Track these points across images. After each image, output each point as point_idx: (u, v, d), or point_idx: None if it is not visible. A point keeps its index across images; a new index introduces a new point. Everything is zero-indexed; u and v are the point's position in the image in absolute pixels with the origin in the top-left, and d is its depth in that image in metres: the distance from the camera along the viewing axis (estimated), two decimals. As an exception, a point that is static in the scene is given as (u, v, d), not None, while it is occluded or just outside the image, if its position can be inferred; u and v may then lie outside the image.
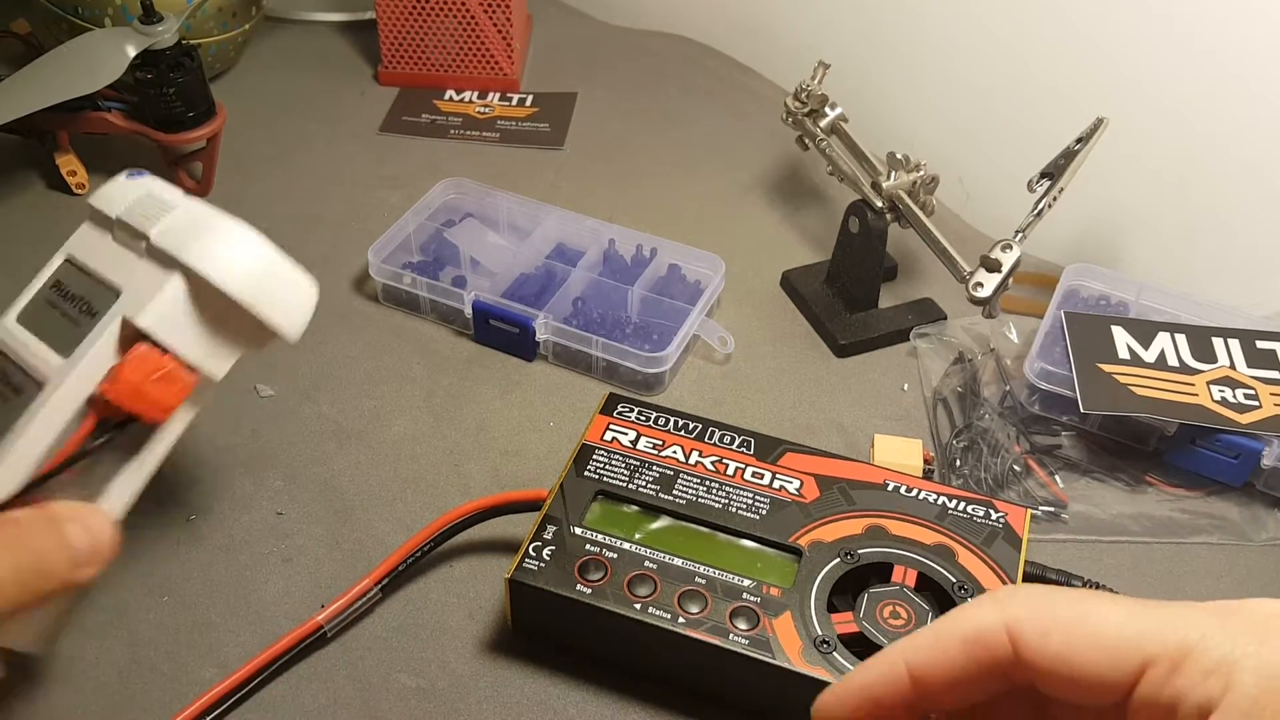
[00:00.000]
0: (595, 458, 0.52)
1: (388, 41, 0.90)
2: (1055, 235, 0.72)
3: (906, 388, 0.65)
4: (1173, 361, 0.60)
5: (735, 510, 0.50)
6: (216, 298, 0.39)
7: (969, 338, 0.66)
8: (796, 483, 0.51)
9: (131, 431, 0.40)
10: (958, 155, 0.79)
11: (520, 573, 0.47)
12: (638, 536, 0.49)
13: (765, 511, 0.50)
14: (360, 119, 0.88)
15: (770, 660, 0.44)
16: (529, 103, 0.90)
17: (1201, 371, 0.59)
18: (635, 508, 0.50)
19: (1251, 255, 0.70)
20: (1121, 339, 0.61)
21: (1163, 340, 0.61)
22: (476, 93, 0.91)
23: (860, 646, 0.44)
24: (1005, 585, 0.26)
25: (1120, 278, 0.67)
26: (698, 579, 0.47)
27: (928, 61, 0.82)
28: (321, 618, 0.49)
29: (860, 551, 0.48)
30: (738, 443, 0.53)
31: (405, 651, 0.50)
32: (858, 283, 0.68)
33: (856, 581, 0.47)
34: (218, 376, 0.41)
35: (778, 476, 0.51)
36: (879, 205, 0.65)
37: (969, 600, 0.27)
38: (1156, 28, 0.68)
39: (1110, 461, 0.59)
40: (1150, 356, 0.60)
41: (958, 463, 0.59)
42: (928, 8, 0.80)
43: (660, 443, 0.53)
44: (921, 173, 0.65)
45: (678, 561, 0.47)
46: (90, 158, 0.78)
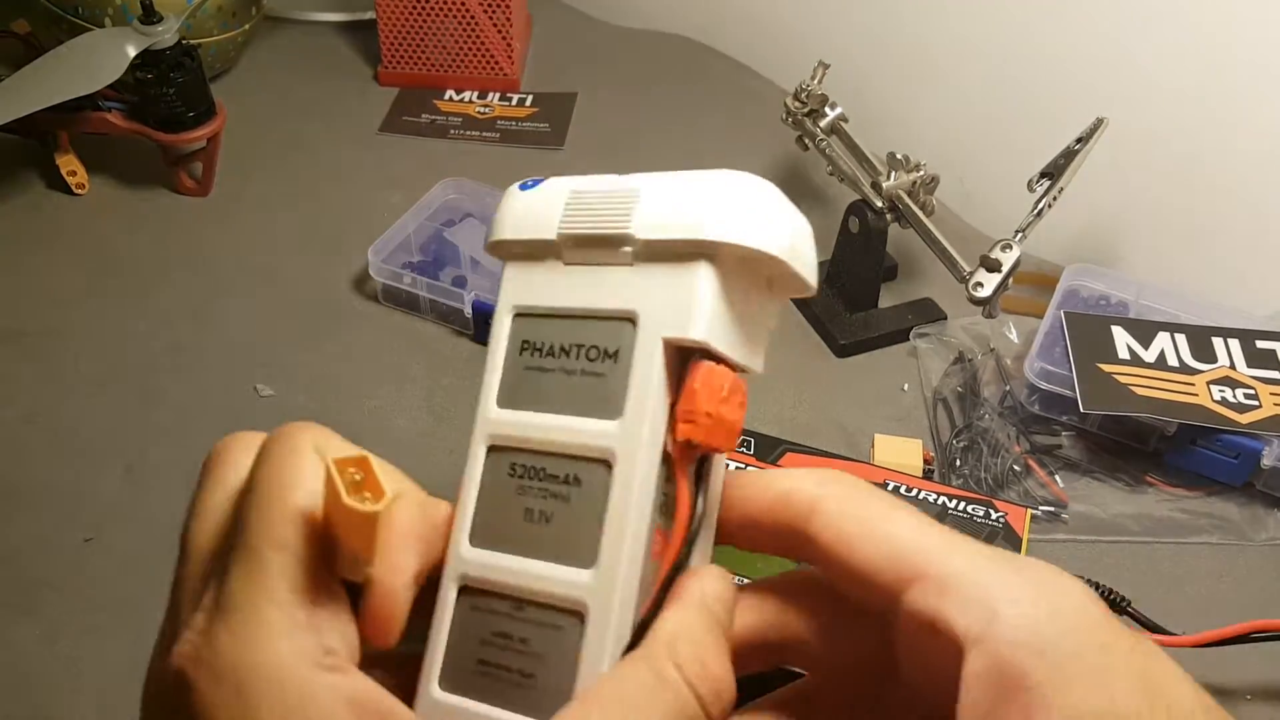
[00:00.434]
0: (595, 458, 0.52)
1: (388, 41, 0.90)
2: (1055, 235, 0.72)
3: (906, 388, 0.65)
4: (1173, 361, 0.60)
5: (735, 510, 0.50)
6: (744, 273, 0.30)
7: (969, 338, 0.66)
8: (796, 483, 0.51)
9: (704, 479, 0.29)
10: (958, 155, 0.79)
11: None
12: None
13: (765, 511, 0.49)
14: (360, 119, 0.88)
15: (770, 660, 0.44)
16: (529, 103, 0.90)
17: (1201, 371, 0.59)
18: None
19: (1251, 255, 0.70)
20: (1121, 339, 0.61)
21: (1163, 340, 0.61)
22: (476, 93, 0.91)
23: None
24: (839, 471, 0.28)
25: (1120, 278, 0.67)
26: (698, 579, 0.47)
27: (928, 61, 0.82)
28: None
29: (860, 551, 0.48)
30: (738, 443, 0.53)
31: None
32: (858, 283, 0.68)
33: (856, 581, 0.47)
34: (760, 369, 0.32)
35: (778, 476, 0.51)
36: (879, 205, 0.65)
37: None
38: (1156, 28, 0.68)
39: (1110, 461, 0.59)
40: (1150, 356, 0.60)
41: (958, 463, 0.59)
42: (928, 8, 0.80)
43: (660, 443, 0.53)
44: (921, 173, 0.65)
45: (678, 561, 0.47)
46: (90, 158, 0.78)
